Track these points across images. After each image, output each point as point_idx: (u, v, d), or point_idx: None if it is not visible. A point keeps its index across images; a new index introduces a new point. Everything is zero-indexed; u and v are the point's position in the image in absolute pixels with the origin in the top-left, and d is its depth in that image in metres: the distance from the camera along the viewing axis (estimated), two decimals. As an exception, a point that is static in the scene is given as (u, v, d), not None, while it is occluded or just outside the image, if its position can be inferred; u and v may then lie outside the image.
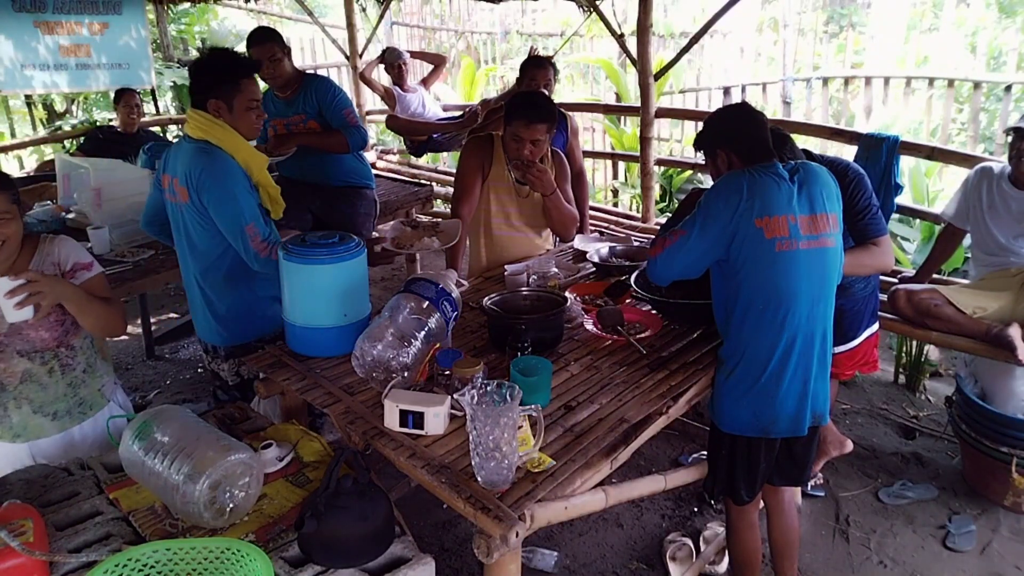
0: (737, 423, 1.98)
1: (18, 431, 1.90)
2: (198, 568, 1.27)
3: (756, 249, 1.83)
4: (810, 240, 1.86)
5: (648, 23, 4.24)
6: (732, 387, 1.96)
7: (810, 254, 1.86)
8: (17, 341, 1.82)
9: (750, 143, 1.97)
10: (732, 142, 2.00)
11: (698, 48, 7.34)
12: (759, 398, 1.92)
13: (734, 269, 1.89)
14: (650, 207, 4.65)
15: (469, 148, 2.84)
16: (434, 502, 2.72)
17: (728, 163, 1.99)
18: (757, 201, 1.83)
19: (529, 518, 1.45)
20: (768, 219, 1.82)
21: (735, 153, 1.98)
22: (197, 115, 2.20)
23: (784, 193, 1.85)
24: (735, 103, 2.17)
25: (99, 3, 5.74)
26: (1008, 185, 2.88)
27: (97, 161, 3.53)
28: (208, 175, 2.15)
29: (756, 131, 1.99)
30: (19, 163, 6.75)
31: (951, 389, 3.13)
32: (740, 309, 1.90)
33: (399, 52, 5.46)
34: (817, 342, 1.93)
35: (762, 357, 1.89)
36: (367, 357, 1.82)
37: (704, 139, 2.08)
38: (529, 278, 2.54)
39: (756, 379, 1.91)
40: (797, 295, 1.86)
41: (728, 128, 2.04)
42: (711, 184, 2.01)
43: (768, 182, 1.85)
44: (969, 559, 2.59)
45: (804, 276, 1.86)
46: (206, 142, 2.19)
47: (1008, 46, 7.34)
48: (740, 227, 1.83)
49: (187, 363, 4.26)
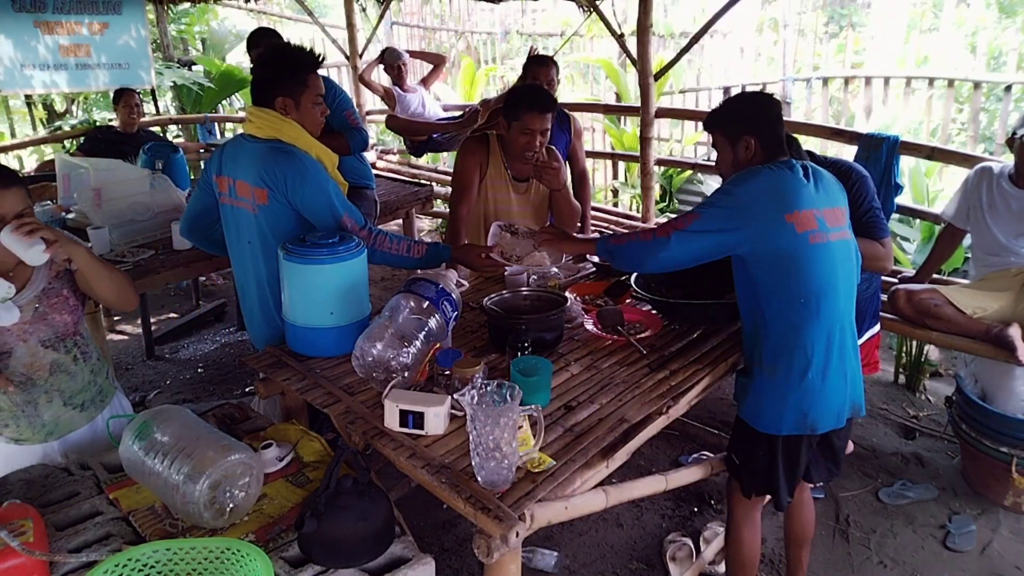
0: (782, 423, 1.91)
1: (51, 428, 1.88)
2: (198, 568, 1.27)
3: (790, 244, 1.81)
4: (835, 232, 1.86)
5: (648, 23, 4.24)
6: (775, 386, 1.90)
7: (840, 245, 1.87)
8: (41, 328, 1.81)
9: (776, 136, 1.95)
10: (760, 131, 1.94)
11: (698, 48, 7.35)
12: (807, 394, 1.88)
13: (767, 266, 1.85)
14: (650, 207, 4.65)
15: (466, 148, 2.84)
16: (434, 502, 2.72)
17: (749, 151, 1.94)
18: (784, 197, 1.81)
19: (529, 518, 1.45)
20: (798, 214, 1.80)
21: (760, 143, 1.93)
22: (264, 113, 2.15)
23: (805, 186, 1.84)
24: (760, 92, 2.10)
25: (99, 3, 5.74)
26: (1008, 184, 2.88)
27: (97, 161, 3.53)
28: (296, 175, 2.10)
29: (781, 125, 1.98)
30: (19, 163, 6.76)
31: (951, 389, 3.13)
32: (779, 306, 1.86)
33: (399, 52, 5.46)
34: (850, 331, 1.93)
35: (807, 352, 1.86)
36: (367, 357, 1.82)
37: (727, 120, 2.02)
38: (529, 278, 2.54)
39: (802, 375, 1.86)
40: (835, 286, 1.86)
41: (758, 116, 1.97)
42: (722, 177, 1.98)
43: (790, 178, 1.84)
44: (969, 559, 2.59)
45: (839, 266, 1.87)
46: (278, 141, 2.14)
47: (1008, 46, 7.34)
48: (767, 224, 1.81)
49: (187, 363, 4.26)
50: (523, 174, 2.83)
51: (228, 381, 4.01)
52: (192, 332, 4.65)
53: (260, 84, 2.19)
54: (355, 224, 2.17)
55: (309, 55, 2.22)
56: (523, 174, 2.83)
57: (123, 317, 4.86)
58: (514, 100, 2.65)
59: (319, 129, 2.26)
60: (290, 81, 2.16)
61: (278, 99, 2.16)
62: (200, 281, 5.16)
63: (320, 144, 2.23)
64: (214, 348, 4.44)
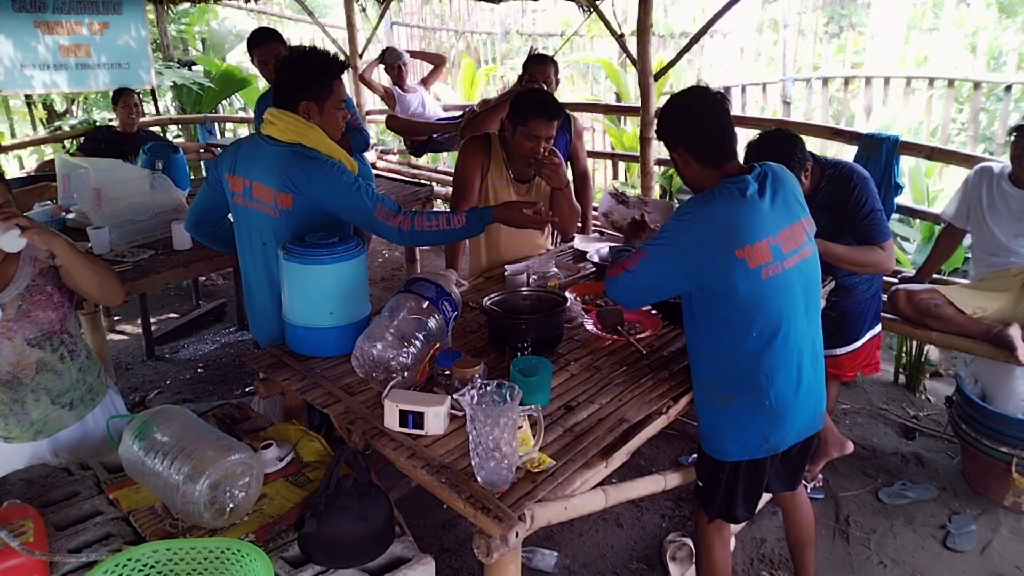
0: (744, 449, 1.85)
1: (39, 427, 1.88)
2: (198, 568, 1.27)
3: (741, 281, 1.68)
4: (792, 256, 1.74)
5: (648, 23, 4.24)
6: (735, 415, 1.82)
7: (797, 270, 1.76)
8: (26, 326, 1.80)
9: (705, 141, 1.77)
10: (686, 141, 1.79)
11: (698, 48, 7.35)
12: (769, 419, 1.80)
13: (718, 301, 1.74)
14: (650, 207, 4.64)
15: (467, 147, 2.84)
16: (434, 502, 2.72)
17: (686, 164, 1.81)
18: (735, 231, 1.67)
19: (529, 518, 1.45)
20: (749, 248, 1.67)
21: (690, 153, 1.79)
22: (287, 116, 2.13)
23: (759, 212, 1.70)
24: (690, 89, 1.87)
25: (99, 3, 5.74)
26: (1008, 184, 2.88)
27: (97, 161, 3.53)
28: (325, 180, 2.09)
29: (711, 125, 1.77)
30: (19, 163, 6.76)
31: (951, 389, 3.13)
32: (731, 339, 1.76)
33: (399, 52, 5.46)
34: (813, 348, 1.86)
35: (766, 380, 1.77)
36: (367, 357, 1.82)
37: (661, 134, 1.88)
38: (529, 278, 2.54)
39: (762, 402, 1.79)
40: (794, 314, 1.76)
41: (680, 123, 1.81)
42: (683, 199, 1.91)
43: (742, 207, 1.69)
44: (969, 559, 2.59)
45: (797, 293, 1.77)
46: (300, 145, 2.12)
47: (1008, 46, 7.34)
48: (715, 264, 1.69)
49: (187, 363, 4.26)
50: (524, 175, 2.83)
51: (228, 381, 4.01)
52: (192, 332, 4.65)
53: (284, 87, 2.17)
54: (389, 212, 2.14)
55: (335, 61, 2.20)
56: (524, 175, 2.83)
57: (123, 317, 4.86)
58: (521, 105, 2.62)
59: (339, 134, 2.25)
60: (316, 86, 2.14)
61: (302, 103, 2.13)
62: (200, 281, 5.16)
63: (340, 149, 2.21)
64: (214, 348, 4.44)
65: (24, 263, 1.81)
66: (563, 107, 2.73)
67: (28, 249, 1.79)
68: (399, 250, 5.86)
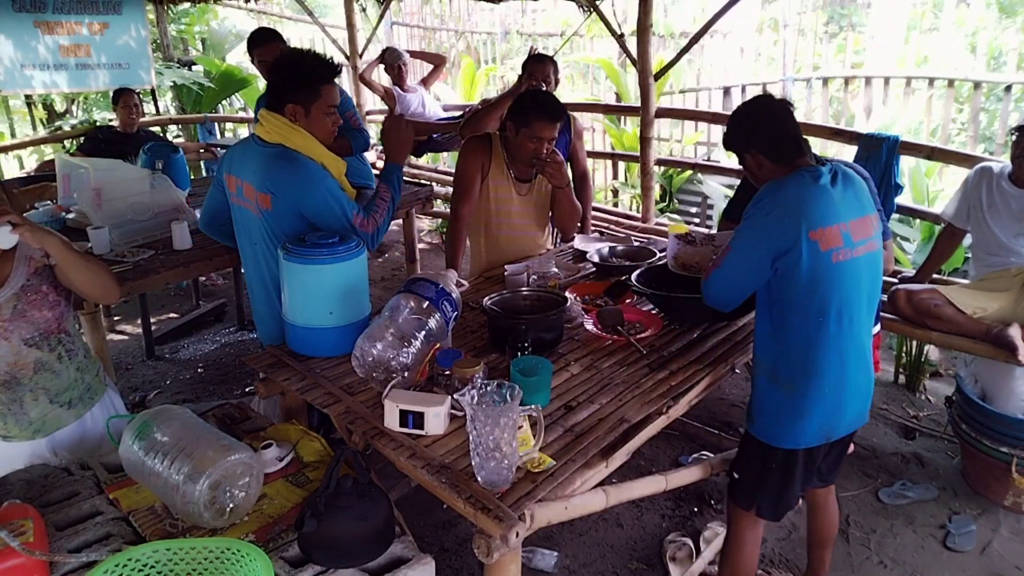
0: (801, 437, 1.89)
1: (37, 426, 1.88)
2: (198, 568, 1.27)
3: (813, 263, 1.75)
4: (861, 246, 1.81)
5: (648, 23, 4.24)
6: (795, 402, 1.87)
7: (865, 260, 1.83)
8: (23, 326, 1.80)
9: (776, 142, 1.89)
10: (758, 144, 1.90)
11: (698, 48, 7.35)
12: (827, 407, 1.86)
13: (788, 285, 1.80)
14: (650, 207, 4.65)
15: (468, 148, 2.84)
16: (434, 502, 2.72)
17: (761, 166, 1.91)
18: (807, 213, 1.75)
19: (529, 518, 1.45)
20: (822, 231, 1.74)
21: (763, 155, 1.90)
22: (273, 118, 2.16)
23: (832, 200, 1.78)
24: (755, 98, 2.05)
25: (99, 3, 5.73)
26: (1008, 184, 2.89)
27: (97, 161, 3.53)
28: (302, 183, 2.11)
29: (780, 128, 1.90)
30: (19, 163, 6.76)
31: (951, 389, 3.13)
32: (799, 323, 1.82)
33: (399, 52, 5.46)
34: (869, 340, 1.93)
35: (828, 367, 1.83)
36: (367, 357, 1.82)
37: (730, 139, 1.99)
38: (529, 278, 2.54)
39: (821, 389, 1.84)
40: (858, 301, 1.83)
41: (750, 128, 1.93)
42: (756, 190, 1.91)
43: (814, 191, 1.78)
44: (969, 559, 2.59)
45: (863, 283, 1.84)
46: (282, 147, 2.14)
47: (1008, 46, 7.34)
48: (791, 243, 1.75)
49: (187, 363, 4.26)
50: (525, 174, 2.83)
51: (228, 381, 4.01)
52: (192, 332, 4.65)
53: (274, 88, 2.20)
54: (363, 219, 2.20)
55: (325, 65, 2.20)
56: (525, 174, 2.83)
57: (123, 317, 4.86)
58: (525, 106, 2.63)
59: (330, 138, 2.25)
60: (303, 89, 2.16)
61: (288, 105, 2.16)
62: (200, 281, 5.16)
63: (328, 152, 2.22)
64: (214, 348, 4.44)
65: (19, 262, 1.80)
66: (565, 108, 2.73)
67: (23, 248, 1.78)
68: (399, 250, 5.86)
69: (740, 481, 2.04)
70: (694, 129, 6.82)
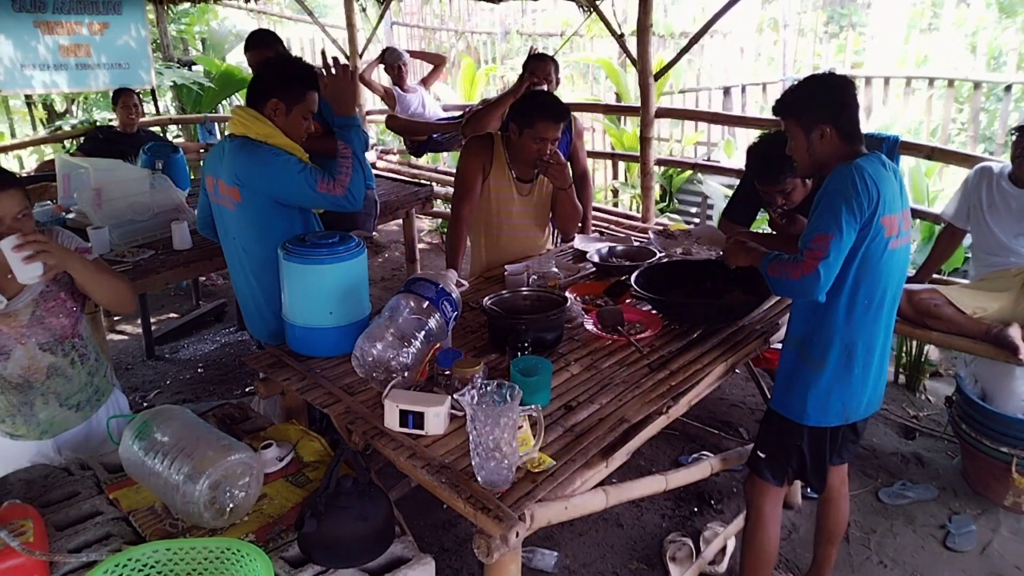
0: (825, 415, 1.94)
1: (45, 427, 1.90)
2: (198, 568, 1.27)
3: (875, 246, 1.79)
4: (905, 236, 1.87)
5: (648, 23, 4.24)
6: (824, 380, 1.91)
7: (907, 249, 1.89)
8: (39, 332, 1.81)
9: (853, 122, 1.86)
10: (837, 118, 1.83)
11: (698, 48, 7.35)
12: (851, 388, 1.92)
13: (850, 264, 1.80)
14: (650, 207, 4.65)
15: (469, 148, 2.83)
16: (434, 502, 2.72)
17: (824, 140, 1.85)
18: (883, 198, 1.76)
19: (529, 518, 1.45)
20: (890, 217, 1.79)
21: (838, 131, 1.84)
22: (241, 111, 2.24)
23: (896, 188, 1.83)
24: (832, 73, 1.95)
25: (99, 3, 5.73)
26: (1008, 184, 2.88)
27: (97, 161, 3.53)
28: (256, 164, 2.17)
29: (858, 109, 1.87)
30: (19, 163, 6.76)
31: (951, 389, 3.13)
32: (845, 303, 1.85)
33: (399, 52, 5.46)
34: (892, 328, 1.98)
35: (860, 348, 1.88)
36: (367, 357, 1.82)
37: (801, 107, 1.88)
38: (529, 278, 2.54)
39: (849, 369, 1.89)
40: (897, 288, 1.89)
41: (834, 101, 1.85)
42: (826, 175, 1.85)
43: (885, 176, 1.80)
44: (969, 559, 2.59)
45: (904, 269, 1.90)
46: (245, 138, 2.21)
47: (1008, 46, 7.35)
48: (871, 223, 1.76)
49: (187, 363, 4.26)
50: (527, 175, 2.83)
51: (228, 381, 4.01)
52: (192, 332, 4.65)
53: (259, 82, 2.26)
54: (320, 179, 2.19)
55: (312, 74, 2.31)
56: (527, 175, 2.83)
57: (123, 317, 4.86)
58: (528, 108, 2.63)
59: (301, 140, 2.31)
60: (290, 89, 2.24)
61: (271, 100, 2.23)
62: (200, 281, 5.16)
63: (292, 143, 2.28)
64: (214, 348, 4.44)
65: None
66: (569, 109, 2.74)
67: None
68: (399, 250, 5.86)
69: (768, 459, 2.07)
70: (694, 129, 6.82)
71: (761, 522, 2.13)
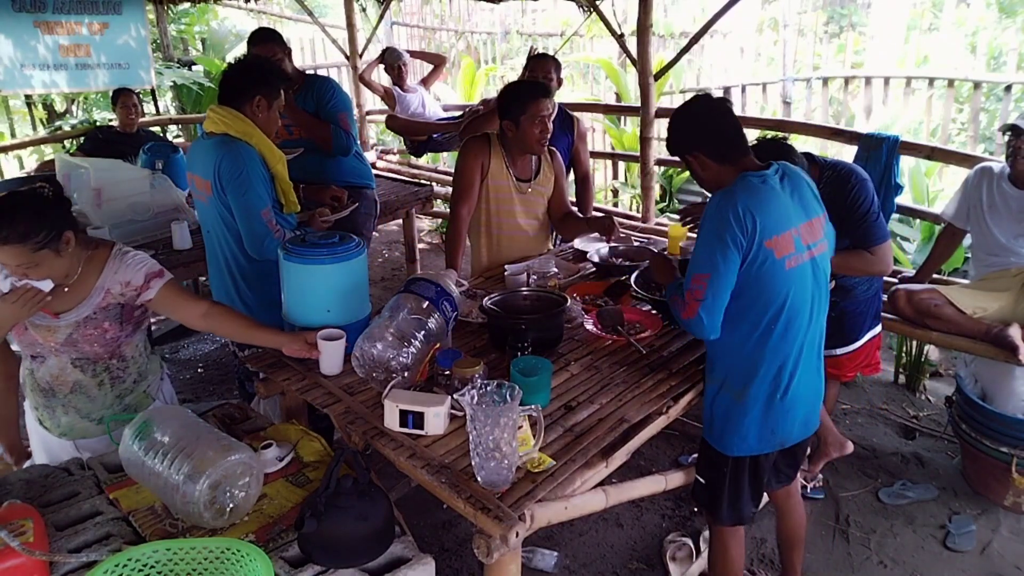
0: (751, 444, 1.87)
1: (64, 430, 1.94)
2: (198, 568, 1.27)
3: (768, 270, 1.72)
4: (811, 249, 1.79)
5: (648, 23, 4.23)
6: (746, 409, 1.84)
7: (813, 263, 1.80)
8: (72, 350, 1.84)
9: (721, 141, 1.82)
10: (701, 143, 1.83)
11: (698, 48, 7.35)
12: (777, 414, 1.84)
13: (742, 293, 1.76)
14: (650, 207, 4.64)
15: (467, 148, 2.83)
16: (434, 502, 2.72)
17: (705, 167, 1.85)
18: (762, 221, 1.70)
19: (529, 518, 1.45)
20: (777, 239, 1.71)
21: (707, 155, 1.83)
22: (220, 110, 2.33)
23: (783, 204, 1.75)
24: (692, 98, 1.96)
25: (99, 3, 5.73)
26: (1008, 185, 2.88)
27: (97, 161, 3.53)
28: (228, 162, 2.26)
29: (725, 125, 1.83)
30: (19, 163, 6.75)
31: (951, 389, 3.13)
32: (747, 329, 1.79)
33: (399, 52, 5.45)
34: (819, 344, 1.90)
35: (775, 373, 1.81)
36: (367, 357, 1.82)
37: (672, 143, 1.91)
38: (529, 278, 2.54)
39: (771, 396, 1.82)
40: (805, 305, 1.79)
41: (691, 128, 1.86)
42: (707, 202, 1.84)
43: (767, 195, 1.73)
44: (969, 559, 2.59)
45: (810, 286, 1.80)
46: (226, 135, 2.30)
47: (1008, 46, 7.34)
48: (753, 250, 1.71)
49: (187, 363, 4.26)
50: (525, 174, 2.83)
51: (228, 381, 4.01)
52: (192, 332, 4.65)
53: (240, 81, 2.36)
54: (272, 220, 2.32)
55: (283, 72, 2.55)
56: (525, 174, 2.83)
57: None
58: (515, 96, 2.65)
59: (272, 133, 2.46)
60: (272, 87, 2.40)
61: (258, 96, 2.35)
62: (200, 281, 5.15)
63: (269, 142, 2.40)
64: (214, 348, 4.44)
65: (95, 293, 1.81)
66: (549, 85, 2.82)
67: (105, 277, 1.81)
68: (399, 250, 5.86)
69: (704, 489, 2.03)
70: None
71: (722, 547, 2.08)
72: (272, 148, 2.41)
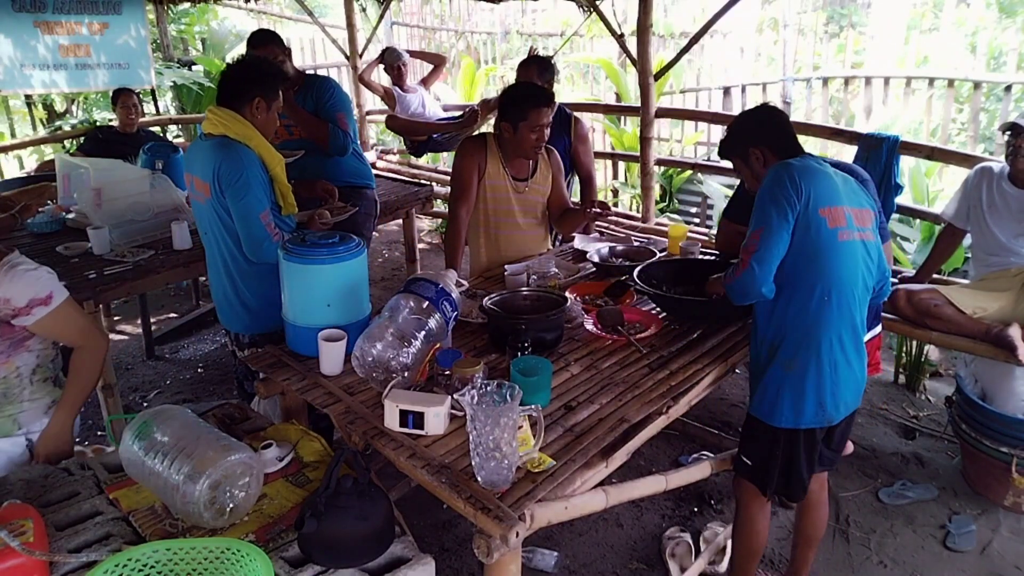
0: (800, 417, 1.92)
1: None
2: (198, 568, 1.27)
3: (821, 238, 1.82)
4: (862, 232, 1.89)
5: (648, 23, 4.24)
6: (794, 381, 1.90)
7: (863, 244, 1.89)
8: None
9: (784, 138, 2.00)
10: (766, 138, 2.00)
11: (698, 48, 7.35)
12: (825, 387, 1.90)
13: (794, 259, 1.85)
14: (650, 207, 4.65)
15: (464, 149, 2.84)
16: (434, 502, 2.72)
17: (764, 161, 1.99)
18: (815, 191, 1.82)
19: (529, 518, 1.45)
20: (830, 209, 1.83)
21: (770, 149, 1.99)
22: (219, 112, 2.33)
23: (835, 184, 1.88)
24: (757, 105, 2.18)
25: (99, 3, 5.73)
26: (1008, 184, 2.88)
27: (97, 161, 3.53)
28: (227, 165, 2.25)
29: (787, 127, 2.02)
30: (19, 163, 6.76)
31: (951, 389, 3.13)
32: (800, 300, 1.86)
33: (399, 52, 5.45)
34: (862, 327, 1.96)
35: (826, 345, 1.87)
36: (367, 357, 1.82)
37: (734, 141, 2.07)
38: (529, 278, 2.54)
39: (819, 368, 1.88)
40: (855, 283, 1.87)
41: (759, 126, 2.05)
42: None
43: (819, 172, 1.87)
44: (969, 559, 2.59)
45: (860, 265, 1.88)
46: (225, 137, 2.30)
47: (1008, 46, 7.35)
48: (806, 214, 1.82)
49: (187, 363, 4.26)
50: (522, 173, 2.83)
51: (228, 381, 4.01)
52: (192, 332, 4.65)
53: (239, 83, 2.36)
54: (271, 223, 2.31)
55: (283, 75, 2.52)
56: (522, 173, 2.83)
57: (123, 317, 4.86)
58: (516, 101, 2.65)
59: (271, 134, 2.45)
60: (271, 88, 2.39)
61: (257, 98, 2.35)
62: (200, 281, 5.15)
63: (268, 145, 2.39)
64: (214, 348, 4.44)
65: None
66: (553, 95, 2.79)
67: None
68: (399, 250, 5.86)
69: (751, 466, 2.06)
70: (694, 129, 6.82)
71: (748, 519, 2.13)
72: (271, 151, 2.40)
